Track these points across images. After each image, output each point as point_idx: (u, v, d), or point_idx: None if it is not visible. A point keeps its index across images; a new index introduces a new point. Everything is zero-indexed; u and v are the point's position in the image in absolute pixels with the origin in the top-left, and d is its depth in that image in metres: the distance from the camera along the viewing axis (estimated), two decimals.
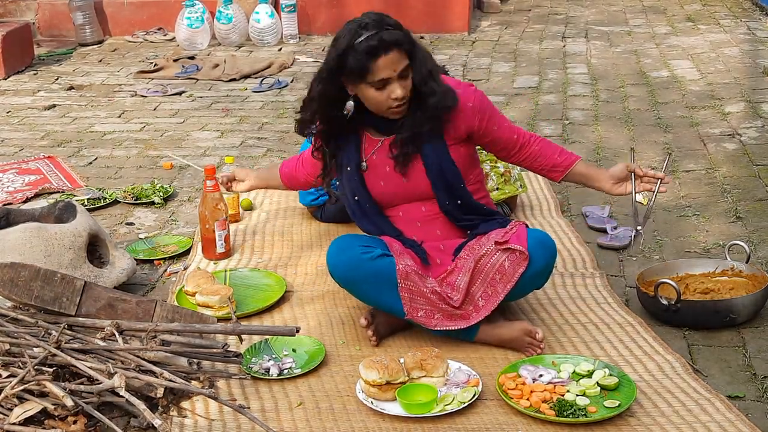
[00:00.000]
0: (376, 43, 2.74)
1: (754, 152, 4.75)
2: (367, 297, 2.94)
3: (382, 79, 2.77)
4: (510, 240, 2.87)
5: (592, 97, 5.96)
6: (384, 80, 2.78)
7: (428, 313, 2.88)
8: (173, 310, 2.90)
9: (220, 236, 3.64)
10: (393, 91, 2.79)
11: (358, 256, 2.87)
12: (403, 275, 2.84)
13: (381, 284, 2.85)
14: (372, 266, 2.85)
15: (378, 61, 2.75)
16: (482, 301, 2.87)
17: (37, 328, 2.71)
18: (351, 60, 2.77)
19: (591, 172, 3.11)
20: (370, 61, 2.75)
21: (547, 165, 3.07)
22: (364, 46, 2.75)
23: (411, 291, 2.85)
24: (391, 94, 2.80)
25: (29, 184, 4.57)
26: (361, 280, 2.88)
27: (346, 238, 3.00)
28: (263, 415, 2.60)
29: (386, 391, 2.62)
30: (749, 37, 7.46)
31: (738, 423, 2.50)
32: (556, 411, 2.54)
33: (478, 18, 8.63)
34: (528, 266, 2.85)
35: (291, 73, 6.81)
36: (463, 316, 2.89)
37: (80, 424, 2.44)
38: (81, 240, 3.26)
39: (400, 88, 2.80)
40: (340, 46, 2.80)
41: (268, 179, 3.55)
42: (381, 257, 2.87)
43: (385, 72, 2.77)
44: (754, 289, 3.10)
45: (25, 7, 8.10)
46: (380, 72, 2.77)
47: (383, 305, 2.91)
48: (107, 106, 6.08)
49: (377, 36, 2.75)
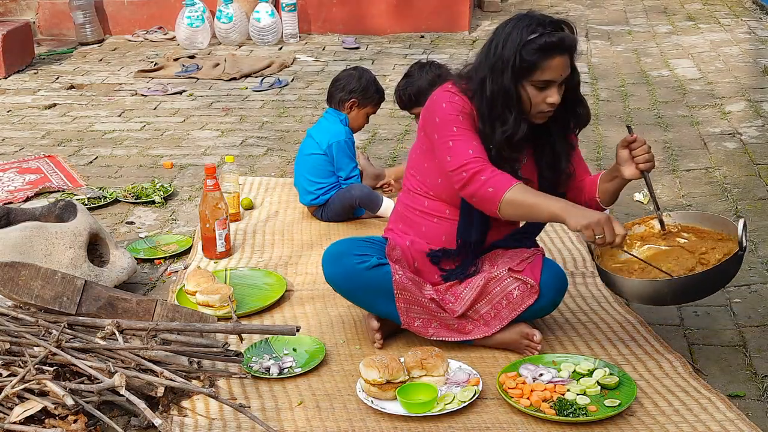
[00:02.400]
0: (556, 40, 2.65)
1: (755, 151, 4.75)
2: (364, 304, 2.94)
3: (547, 80, 2.68)
4: (524, 271, 2.85)
5: (593, 97, 5.96)
6: (548, 82, 2.68)
7: (425, 323, 2.88)
8: (173, 309, 2.90)
9: (221, 235, 3.64)
10: (551, 95, 2.70)
11: (353, 265, 2.85)
12: (399, 286, 2.83)
13: (377, 294, 2.85)
14: (367, 276, 2.84)
15: (551, 60, 2.66)
16: (483, 321, 2.88)
17: (37, 327, 2.71)
18: (524, 53, 2.66)
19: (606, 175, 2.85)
20: (544, 59, 2.65)
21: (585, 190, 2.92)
22: (541, 43, 2.65)
23: (407, 301, 2.85)
24: (548, 98, 2.70)
25: (30, 183, 4.57)
26: (357, 290, 2.88)
27: (340, 244, 2.96)
28: (263, 414, 2.60)
29: (386, 390, 2.62)
30: (750, 36, 7.46)
31: (738, 422, 2.50)
32: (556, 410, 2.54)
33: (478, 17, 8.62)
34: (537, 300, 2.84)
35: (291, 72, 6.81)
36: (460, 329, 2.89)
37: (81, 423, 2.44)
38: (81, 239, 3.26)
39: (558, 94, 2.71)
40: (514, 39, 2.67)
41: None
42: (376, 267, 2.85)
43: (553, 73, 2.67)
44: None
45: (25, 6, 8.09)
46: (549, 72, 2.67)
47: (380, 312, 2.91)
48: (107, 106, 6.08)
49: (559, 35, 2.66)
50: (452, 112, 2.76)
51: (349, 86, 4.00)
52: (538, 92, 2.70)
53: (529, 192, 2.67)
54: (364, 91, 4.00)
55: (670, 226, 2.83)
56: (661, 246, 2.80)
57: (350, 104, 4.01)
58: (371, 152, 4.89)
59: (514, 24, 2.72)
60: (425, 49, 7.41)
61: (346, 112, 4.03)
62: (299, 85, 6.49)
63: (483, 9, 8.93)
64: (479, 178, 2.68)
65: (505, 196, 2.65)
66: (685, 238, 2.81)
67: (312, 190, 3.99)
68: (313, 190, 3.99)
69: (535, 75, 2.67)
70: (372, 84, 4.03)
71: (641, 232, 2.87)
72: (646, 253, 2.80)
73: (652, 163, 2.71)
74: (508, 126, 2.72)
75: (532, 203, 2.65)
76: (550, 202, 2.64)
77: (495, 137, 2.74)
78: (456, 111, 2.76)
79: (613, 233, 2.54)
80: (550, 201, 2.65)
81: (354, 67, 4.13)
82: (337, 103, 4.03)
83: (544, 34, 2.65)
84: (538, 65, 2.66)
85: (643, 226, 2.87)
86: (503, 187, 2.66)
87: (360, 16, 7.88)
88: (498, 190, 2.66)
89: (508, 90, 2.70)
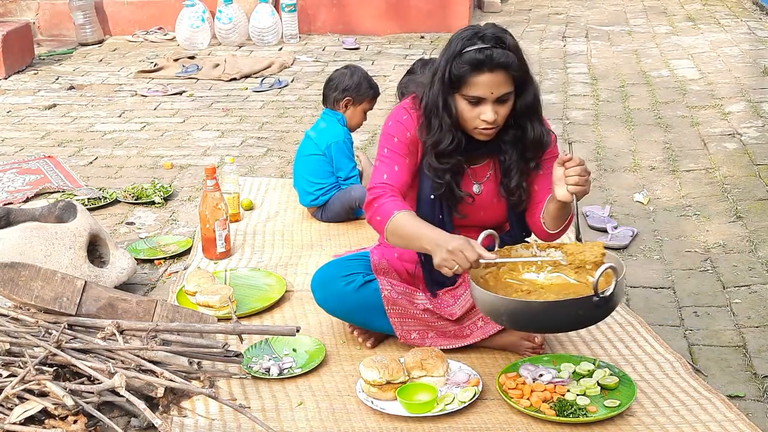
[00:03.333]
0: (483, 57, 2.56)
1: (755, 152, 4.75)
2: (361, 323, 2.94)
3: (477, 96, 2.60)
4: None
5: (593, 97, 5.96)
6: (479, 98, 2.61)
7: (421, 334, 2.88)
8: (173, 309, 2.90)
9: (221, 236, 3.64)
10: (484, 112, 2.61)
11: (341, 288, 2.84)
12: (389, 301, 2.82)
13: (370, 312, 2.85)
14: (357, 297, 2.83)
15: (479, 77, 2.58)
16: (482, 322, 2.87)
17: (37, 328, 2.71)
18: (455, 65, 2.60)
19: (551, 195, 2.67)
20: (471, 74, 2.58)
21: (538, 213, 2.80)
22: (469, 57, 2.57)
23: (401, 315, 2.85)
24: (482, 114, 2.61)
25: (29, 183, 4.57)
26: (350, 311, 2.89)
27: (326, 268, 2.95)
28: (263, 414, 2.60)
29: (386, 390, 2.62)
30: (750, 36, 7.46)
31: (738, 422, 2.50)
32: (556, 411, 2.53)
33: (478, 18, 8.63)
34: None
35: (291, 73, 6.81)
36: (458, 334, 2.89)
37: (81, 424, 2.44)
38: (81, 240, 3.26)
39: (492, 112, 2.61)
40: (452, 49, 2.63)
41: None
42: (364, 285, 2.84)
43: (481, 90, 2.59)
44: None
45: (25, 6, 8.10)
46: (477, 88, 2.59)
47: (378, 329, 2.92)
48: (107, 106, 6.08)
49: (489, 51, 2.56)
50: (391, 133, 2.77)
51: (341, 85, 4.00)
52: (471, 107, 2.63)
53: (409, 222, 2.60)
54: (357, 88, 4.00)
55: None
56: (570, 278, 2.63)
57: (345, 103, 4.01)
58: (371, 153, 4.89)
59: (458, 34, 2.66)
60: (425, 49, 7.41)
61: (342, 111, 4.02)
62: (299, 85, 6.49)
63: (483, 9, 8.93)
64: (373, 205, 2.69)
65: (387, 225, 2.63)
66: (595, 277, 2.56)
67: (311, 191, 3.99)
68: (312, 191, 3.99)
69: (464, 89, 2.61)
70: (364, 80, 4.02)
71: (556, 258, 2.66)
72: (554, 280, 2.62)
73: (583, 187, 2.51)
74: (434, 135, 2.70)
75: (409, 234, 2.60)
76: (423, 234, 2.56)
77: (425, 145, 2.73)
78: (395, 132, 2.76)
79: (465, 260, 2.45)
80: (423, 233, 2.57)
81: (345, 66, 4.12)
82: (332, 104, 4.03)
83: (475, 49, 2.57)
84: (465, 80, 2.59)
85: (559, 252, 2.66)
86: (387, 215, 2.63)
87: (360, 17, 7.88)
88: (383, 218, 2.65)
89: (437, 100, 2.68)
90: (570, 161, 2.51)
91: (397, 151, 2.75)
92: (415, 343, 2.87)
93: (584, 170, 2.51)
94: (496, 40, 2.58)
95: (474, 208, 2.83)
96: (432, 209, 2.80)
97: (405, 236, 2.62)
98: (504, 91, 2.60)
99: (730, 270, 3.49)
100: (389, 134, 2.77)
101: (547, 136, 2.76)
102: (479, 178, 2.83)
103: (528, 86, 2.67)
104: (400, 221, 2.61)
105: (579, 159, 2.52)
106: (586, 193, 2.54)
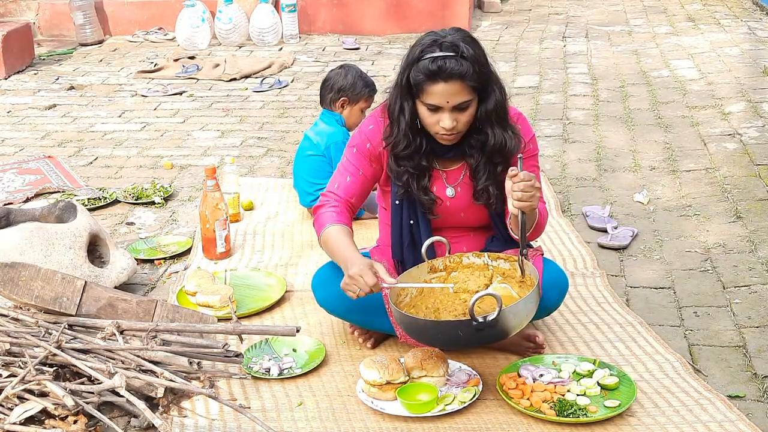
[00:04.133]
0: (435, 68, 2.55)
1: (755, 152, 4.75)
2: (361, 323, 2.94)
3: (433, 104, 2.61)
4: None
5: (593, 97, 5.96)
6: (436, 106, 2.61)
7: None
8: (174, 309, 2.90)
9: (221, 236, 3.64)
10: (443, 119, 2.61)
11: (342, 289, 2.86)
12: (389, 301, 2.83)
13: (370, 312, 2.85)
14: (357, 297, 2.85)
15: (434, 86, 2.58)
16: None
17: (37, 328, 2.71)
18: (413, 72, 2.61)
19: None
20: (426, 83, 2.58)
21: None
22: (424, 66, 2.57)
23: None
24: (440, 121, 2.62)
25: (30, 183, 4.57)
26: (350, 311, 2.88)
27: (327, 267, 2.96)
28: (264, 414, 2.60)
29: (387, 390, 2.62)
30: (750, 36, 7.46)
31: (739, 423, 2.50)
32: (556, 411, 2.53)
33: (478, 18, 8.63)
34: None
35: (291, 73, 6.81)
36: None
37: (81, 424, 2.44)
38: (81, 240, 3.26)
39: (450, 119, 2.61)
40: (412, 54, 2.63)
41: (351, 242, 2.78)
42: None
43: (437, 99, 2.59)
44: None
45: (25, 6, 8.10)
46: (433, 97, 2.59)
47: (378, 329, 2.92)
48: (107, 106, 6.08)
49: (441, 61, 2.55)
50: (352, 142, 2.85)
51: (336, 85, 3.99)
52: (431, 113, 2.63)
53: (334, 238, 2.70)
54: (352, 87, 3.99)
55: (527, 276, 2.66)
56: (513, 290, 2.67)
57: (341, 103, 4.00)
58: None
59: (420, 39, 2.66)
60: None
61: (338, 111, 4.02)
62: (299, 85, 6.49)
63: (483, 9, 8.93)
64: (317, 212, 2.82)
65: (320, 236, 2.76)
66: None
67: (311, 191, 3.99)
68: (312, 191, 3.99)
69: (422, 96, 2.62)
70: (359, 79, 4.01)
71: (505, 269, 2.73)
72: (501, 291, 2.63)
73: (527, 203, 2.51)
74: (392, 138, 2.74)
75: (331, 250, 2.73)
76: (339, 254, 2.68)
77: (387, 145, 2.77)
78: (356, 141, 2.83)
79: (365, 285, 2.54)
80: (339, 253, 2.68)
81: (340, 66, 4.11)
82: (329, 104, 4.03)
83: (429, 59, 2.56)
84: (421, 87, 2.60)
85: (508, 263, 2.71)
86: (321, 227, 2.76)
87: (360, 17, 7.88)
88: (318, 229, 2.78)
89: (395, 105, 2.71)
90: (515, 177, 2.51)
91: (353, 162, 2.82)
92: (415, 344, 2.87)
93: (529, 186, 2.50)
94: (454, 48, 2.56)
95: (451, 210, 2.84)
96: (399, 213, 2.85)
97: (329, 251, 2.75)
98: (460, 100, 2.59)
99: (730, 270, 3.49)
100: (350, 144, 2.86)
101: (512, 140, 2.72)
102: (452, 181, 2.83)
103: (490, 93, 2.66)
104: (329, 235, 2.73)
105: (524, 175, 2.50)
106: (533, 207, 2.55)
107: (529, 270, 2.66)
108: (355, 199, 2.84)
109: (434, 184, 2.82)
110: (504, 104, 2.71)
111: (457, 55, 2.56)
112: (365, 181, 2.84)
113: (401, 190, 2.80)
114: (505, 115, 2.72)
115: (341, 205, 2.80)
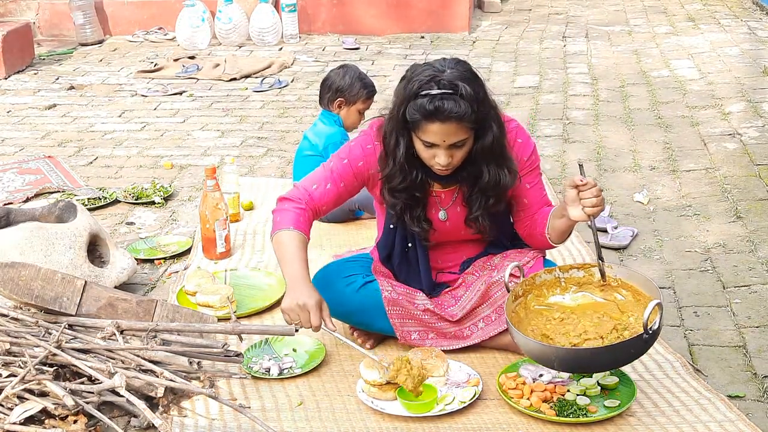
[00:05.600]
0: (433, 108, 2.49)
1: (755, 152, 4.75)
2: (362, 324, 2.94)
3: (429, 141, 2.57)
4: (525, 275, 2.82)
5: (593, 97, 5.96)
6: (431, 143, 2.58)
7: (421, 335, 2.88)
8: (173, 309, 2.90)
9: (221, 236, 3.64)
10: (438, 155, 2.58)
11: (342, 290, 2.86)
12: (390, 302, 2.83)
13: (370, 313, 2.85)
14: (357, 298, 2.84)
15: (430, 125, 2.53)
16: (483, 324, 2.87)
17: (37, 328, 2.71)
18: (409, 108, 2.55)
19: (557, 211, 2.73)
20: (422, 121, 2.53)
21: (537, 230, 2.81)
22: (420, 105, 2.51)
23: (401, 316, 2.85)
24: (435, 157, 2.59)
25: (29, 183, 4.57)
26: (350, 313, 2.89)
27: (326, 270, 2.96)
28: (263, 414, 2.60)
29: (387, 390, 2.62)
30: (750, 36, 7.46)
31: (739, 423, 2.50)
32: (556, 411, 2.54)
33: (478, 18, 8.63)
34: None
35: (291, 73, 6.81)
36: (458, 335, 2.89)
37: (81, 424, 2.44)
38: (81, 239, 3.26)
39: (446, 156, 2.58)
40: (409, 89, 2.56)
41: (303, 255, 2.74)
42: (364, 286, 2.86)
43: (433, 138, 2.55)
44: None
45: (25, 6, 8.09)
46: (429, 135, 2.55)
47: (379, 330, 2.92)
48: (107, 106, 6.08)
49: (439, 101, 2.49)
50: (345, 153, 2.79)
51: (334, 85, 3.97)
52: (426, 149, 2.59)
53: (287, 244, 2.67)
54: (349, 88, 3.96)
55: (610, 278, 2.65)
56: (596, 296, 2.65)
57: (338, 103, 3.98)
58: None
59: (419, 71, 2.57)
60: (425, 49, 7.41)
61: (336, 111, 4.01)
62: (299, 85, 6.49)
63: (483, 9, 8.93)
64: (281, 204, 2.77)
65: (274, 235, 2.71)
66: (623, 295, 2.62)
67: None
68: None
69: (418, 132, 2.57)
70: (357, 80, 3.98)
71: (579, 278, 2.67)
72: (580, 300, 2.65)
73: (600, 207, 2.52)
74: (387, 170, 2.71)
75: (280, 256, 2.68)
76: (287, 268, 2.65)
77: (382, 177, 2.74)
78: (351, 155, 2.77)
79: (308, 322, 2.56)
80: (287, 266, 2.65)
81: (340, 66, 4.10)
82: (327, 104, 4.02)
83: (427, 97, 2.50)
84: (417, 125, 2.55)
85: (582, 271, 2.69)
86: (278, 226, 2.71)
87: (360, 17, 7.88)
88: (275, 226, 2.72)
89: (390, 138, 2.67)
90: (584, 185, 2.51)
91: (339, 172, 2.77)
92: (415, 344, 2.87)
93: (599, 191, 2.52)
94: (452, 87, 2.50)
95: (444, 231, 2.85)
96: (392, 237, 2.85)
97: (278, 256, 2.70)
98: (456, 139, 2.56)
99: (730, 270, 3.49)
100: (344, 154, 2.79)
101: (507, 178, 2.70)
102: (445, 203, 2.82)
103: (487, 130, 2.62)
104: (282, 238, 2.68)
105: (592, 181, 2.52)
106: (602, 211, 2.57)
107: (613, 272, 2.63)
108: (326, 207, 2.80)
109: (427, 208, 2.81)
110: (501, 141, 2.67)
111: (456, 93, 2.50)
112: (342, 194, 2.79)
113: (393, 217, 2.81)
114: (501, 151, 2.68)
115: (308, 208, 2.74)
